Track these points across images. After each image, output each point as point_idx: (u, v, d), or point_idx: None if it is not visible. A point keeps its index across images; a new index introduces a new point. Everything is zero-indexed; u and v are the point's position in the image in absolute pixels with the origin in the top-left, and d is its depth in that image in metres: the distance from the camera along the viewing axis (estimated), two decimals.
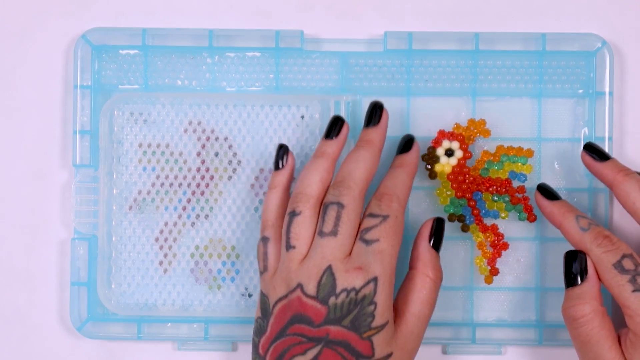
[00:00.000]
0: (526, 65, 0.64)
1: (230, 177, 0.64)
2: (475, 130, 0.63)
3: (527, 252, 0.64)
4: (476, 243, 0.63)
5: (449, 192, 0.63)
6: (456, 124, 0.63)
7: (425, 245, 0.58)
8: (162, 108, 0.64)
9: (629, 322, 0.55)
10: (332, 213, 0.56)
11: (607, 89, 0.63)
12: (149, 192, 0.64)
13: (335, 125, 0.60)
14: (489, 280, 0.63)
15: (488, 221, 0.63)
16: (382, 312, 0.54)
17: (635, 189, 0.57)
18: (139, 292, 0.64)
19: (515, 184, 0.62)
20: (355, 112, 0.64)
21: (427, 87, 0.64)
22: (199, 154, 0.64)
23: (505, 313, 0.64)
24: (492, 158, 0.62)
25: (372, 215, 0.56)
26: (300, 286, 0.55)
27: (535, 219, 0.62)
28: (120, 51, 0.64)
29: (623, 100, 0.65)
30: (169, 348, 0.65)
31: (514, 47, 0.64)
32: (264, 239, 0.59)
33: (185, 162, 0.64)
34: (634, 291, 0.54)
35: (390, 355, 0.54)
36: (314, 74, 0.64)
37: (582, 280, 0.57)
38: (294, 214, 0.57)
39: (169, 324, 0.64)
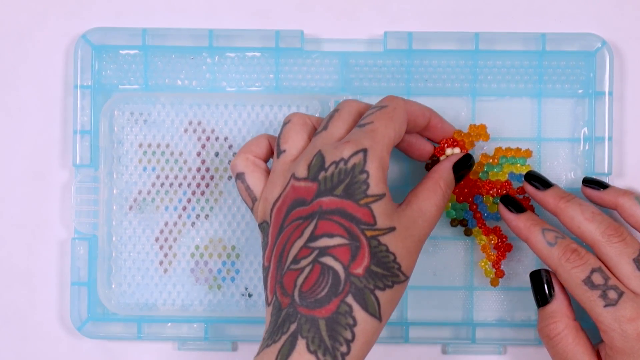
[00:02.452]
0: (526, 65, 0.64)
1: (230, 177, 0.64)
2: (477, 135, 0.62)
3: (527, 252, 0.64)
4: (480, 246, 0.63)
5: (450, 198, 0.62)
6: (457, 131, 0.62)
7: (448, 166, 0.58)
8: (162, 108, 0.64)
9: (604, 337, 0.56)
10: (327, 117, 0.56)
11: (607, 89, 0.63)
12: (149, 192, 0.64)
13: None
14: (495, 283, 0.63)
15: (490, 223, 0.63)
16: (376, 181, 0.52)
17: (578, 213, 0.57)
18: (139, 292, 0.64)
19: (515, 184, 0.62)
20: None
21: (427, 87, 0.64)
22: (199, 154, 0.64)
23: (505, 313, 0.64)
24: (490, 161, 0.62)
25: (372, 108, 0.56)
26: (292, 175, 0.54)
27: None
28: (120, 51, 0.64)
29: (623, 100, 0.65)
30: (169, 348, 0.65)
31: (514, 47, 0.64)
32: (239, 175, 0.57)
33: (185, 162, 0.64)
34: (605, 306, 0.55)
35: (393, 228, 0.52)
36: (314, 74, 0.64)
37: (550, 298, 0.58)
38: (283, 123, 0.57)
39: (169, 324, 0.64)
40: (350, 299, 0.50)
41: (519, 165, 0.62)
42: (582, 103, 0.64)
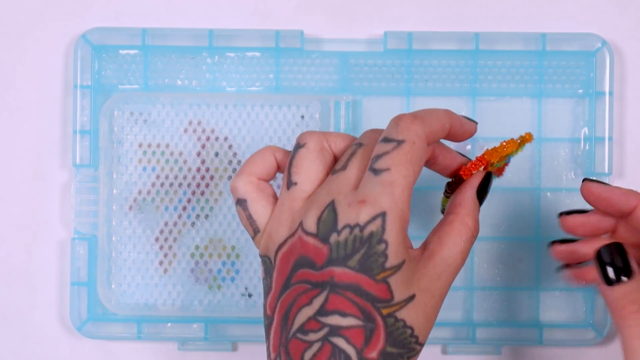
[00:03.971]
0: (526, 65, 0.64)
1: (230, 177, 0.64)
2: (510, 149, 0.55)
3: (527, 252, 0.64)
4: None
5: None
6: (487, 149, 0.54)
7: (472, 194, 0.52)
8: (162, 108, 0.64)
9: None
10: (348, 151, 0.50)
11: (607, 89, 0.63)
12: (149, 192, 0.64)
13: None
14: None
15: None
16: (395, 250, 0.46)
17: None
18: (139, 292, 0.64)
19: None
20: (355, 112, 0.64)
21: (427, 87, 0.64)
22: (199, 154, 0.64)
23: (505, 313, 0.64)
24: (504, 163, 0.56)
25: (385, 140, 0.48)
26: (300, 225, 0.48)
27: (501, 174, 0.55)
28: (120, 51, 0.64)
29: (623, 100, 0.65)
30: (169, 348, 0.65)
31: (514, 47, 0.64)
32: (241, 202, 0.51)
33: (185, 162, 0.64)
34: None
35: (412, 297, 0.47)
36: (314, 74, 0.64)
37: (627, 277, 0.50)
38: (297, 146, 0.50)
39: (169, 324, 0.64)
40: None
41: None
42: (582, 103, 0.64)
